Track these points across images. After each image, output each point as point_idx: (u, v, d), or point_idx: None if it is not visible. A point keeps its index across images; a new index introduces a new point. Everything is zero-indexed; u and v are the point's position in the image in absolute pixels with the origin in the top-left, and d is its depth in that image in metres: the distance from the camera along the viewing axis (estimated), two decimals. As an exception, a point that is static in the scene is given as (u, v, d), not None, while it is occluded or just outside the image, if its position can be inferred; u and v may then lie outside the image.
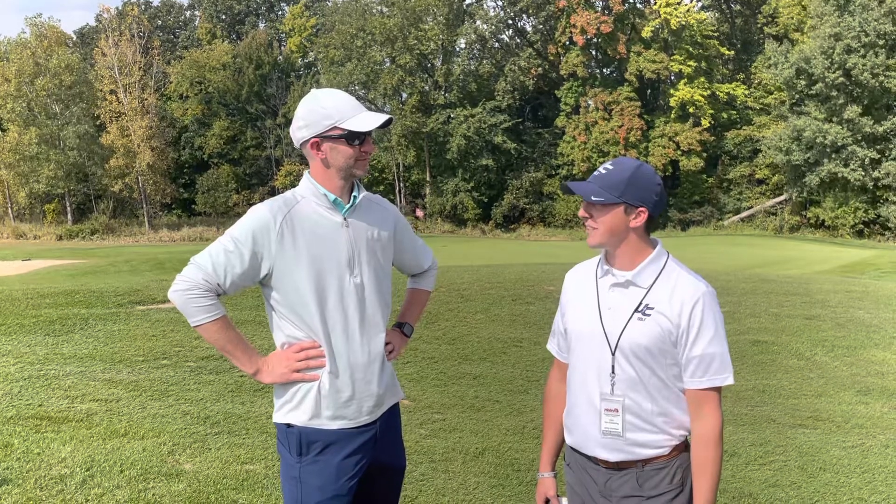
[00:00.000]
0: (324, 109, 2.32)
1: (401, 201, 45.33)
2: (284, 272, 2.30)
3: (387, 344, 2.49)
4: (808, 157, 35.22)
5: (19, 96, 40.98)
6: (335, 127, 2.31)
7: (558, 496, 2.43)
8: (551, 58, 44.79)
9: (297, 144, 2.42)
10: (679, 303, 2.13)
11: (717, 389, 2.16)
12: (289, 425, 2.37)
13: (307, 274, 2.30)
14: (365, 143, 2.34)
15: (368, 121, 2.31)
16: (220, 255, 2.28)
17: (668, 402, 2.17)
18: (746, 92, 41.48)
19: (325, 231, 2.34)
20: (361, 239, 2.40)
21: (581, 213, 2.20)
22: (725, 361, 2.15)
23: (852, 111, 33.96)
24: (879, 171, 34.34)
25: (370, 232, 2.43)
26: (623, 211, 2.14)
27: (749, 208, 40.41)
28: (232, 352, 2.35)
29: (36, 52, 41.54)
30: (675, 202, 41.04)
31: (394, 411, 2.56)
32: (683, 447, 2.20)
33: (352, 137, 2.31)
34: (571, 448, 2.33)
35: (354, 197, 2.40)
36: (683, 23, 39.49)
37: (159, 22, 57.34)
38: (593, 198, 2.12)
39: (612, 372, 2.17)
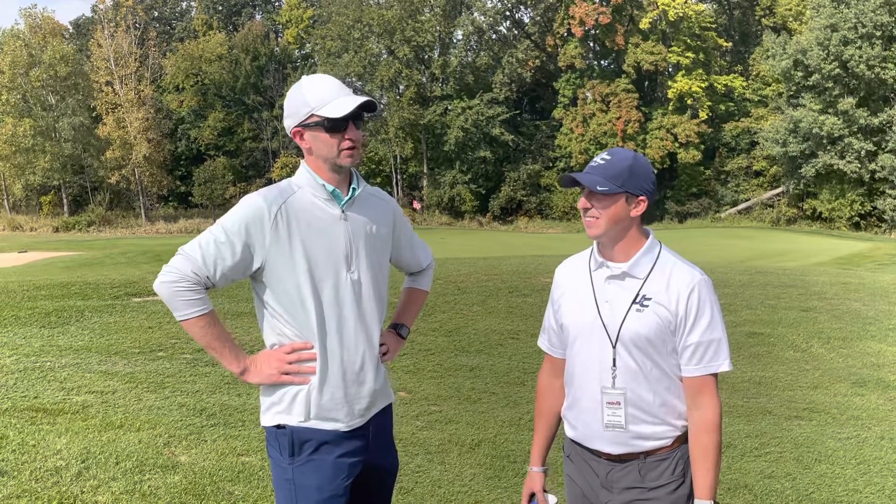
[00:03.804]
0: (302, 97, 2.20)
1: (398, 193, 45.25)
2: (278, 266, 2.18)
3: (381, 345, 2.37)
4: (805, 149, 35.21)
5: (14, 87, 40.79)
6: (312, 114, 2.19)
7: (545, 491, 2.40)
8: (549, 49, 44.67)
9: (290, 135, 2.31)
10: (675, 292, 2.12)
11: (714, 376, 2.15)
12: (279, 426, 2.26)
13: (302, 269, 2.18)
14: (348, 130, 2.19)
15: (343, 105, 2.16)
16: (210, 245, 2.15)
17: (669, 392, 2.16)
18: (744, 84, 41.43)
19: (322, 224, 2.22)
20: (360, 233, 2.28)
21: (582, 204, 2.16)
22: (721, 348, 2.14)
23: (847, 103, 33.92)
24: (876, 164, 34.34)
25: (369, 226, 2.31)
26: (625, 200, 2.13)
27: (746, 200, 40.40)
28: (218, 349, 2.23)
29: (30, 42, 41.32)
30: (672, 194, 41.03)
31: (386, 412, 2.45)
32: (685, 438, 2.19)
33: (330, 125, 2.18)
34: (572, 441, 2.32)
35: (353, 189, 2.28)
36: (681, 14, 39.39)
37: (155, 13, 57.04)
38: (598, 188, 2.10)
39: (613, 365, 2.16)
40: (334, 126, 2.19)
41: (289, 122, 2.26)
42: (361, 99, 2.18)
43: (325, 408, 2.25)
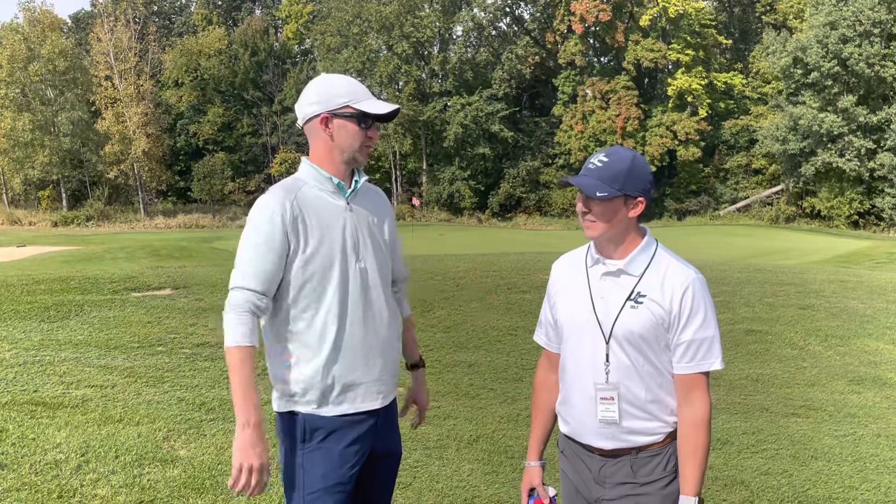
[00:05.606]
0: (338, 88, 2.35)
1: (397, 189, 45.25)
2: (295, 257, 2.29)
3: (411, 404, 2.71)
4: (804, 147, 35.23)
5: (12, 82, 40.73)
6: (348, 106, 2.32)
7: (544, 485, 2.43)
8: (549, 46, 44.65)
9: (301, 122, 2.39)
10: (670, 290, 2.14)
11: (706, 374, 2.17)
12: (292, 413, 2.35)
13: (314, 258, 2.29)
14: (372, 128, 2.37)
15: (381, 106, 2.35)
16: (248, 265, 2.26)
17: (661, 389, 2.18)
18: (744, 81, 41.45)
19: (330, 214, 2.33)
20: (364, 224, 2.39)
21: (580, 207, 2.17)
22: (714, 346, 2.15)
23: (847, 101, 33.91)
24: (875, 162, 34.36)
25: (371, 218, 2.43)
26: (623, 202, 2.14)
27: (745, 198, 40.45)
28: (241, 391, 2.25)
29: (29, 37, 41.24)
30: (671, 192, 41.07)
31: (392, 400, 2.57)
32: (676, 434, 2.21)
33: (362, 119, 2.33)
34: (566, 436, 2.33)
35: (356, 182, 2.40)
36: (682, 11, 39.40)
37: (155, 8, 56.94)
38: (598, 194, 2.10)
39: (607, 361, 2.17)
40: (365, 121, 2.35)
41: (315, 108, 2.35)
42: (396, 106, 2.38)
43: (335, 394, 2.34)
